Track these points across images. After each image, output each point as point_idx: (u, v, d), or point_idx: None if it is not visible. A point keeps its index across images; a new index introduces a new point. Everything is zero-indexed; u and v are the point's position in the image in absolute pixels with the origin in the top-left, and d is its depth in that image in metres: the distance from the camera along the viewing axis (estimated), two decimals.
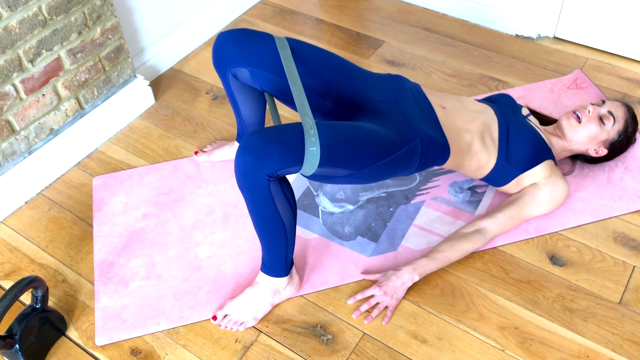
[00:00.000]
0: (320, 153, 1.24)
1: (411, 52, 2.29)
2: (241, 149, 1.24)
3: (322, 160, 1.25)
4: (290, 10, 2.54)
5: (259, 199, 1.30)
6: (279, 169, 1.24)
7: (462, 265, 1.58)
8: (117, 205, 1.77)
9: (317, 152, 1.23)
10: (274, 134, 1.24)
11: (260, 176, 1.25)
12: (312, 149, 1.23)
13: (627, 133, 1.68)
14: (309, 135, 1.24)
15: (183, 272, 1.60)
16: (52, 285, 1.59)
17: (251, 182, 1.26)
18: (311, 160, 1.24)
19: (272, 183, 1.27)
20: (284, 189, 1.32)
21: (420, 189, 1.77)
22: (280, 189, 1.31)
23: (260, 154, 1.22)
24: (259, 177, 1.25)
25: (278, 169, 1.24)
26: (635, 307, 1.48)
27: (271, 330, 1.47)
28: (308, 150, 1.23)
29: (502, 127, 1.63)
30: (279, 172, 1.25)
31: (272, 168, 1.23)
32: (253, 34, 1.48)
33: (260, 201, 1.30)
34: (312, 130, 1.24)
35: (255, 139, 1.23)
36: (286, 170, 1.25)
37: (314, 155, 1.23)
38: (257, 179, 1.25)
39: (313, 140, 1.23)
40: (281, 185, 1.31)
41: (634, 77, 2.12)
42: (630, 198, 1.70)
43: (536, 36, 2.32)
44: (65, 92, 1.82)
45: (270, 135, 1.23)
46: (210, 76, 2.22)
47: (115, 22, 1.87)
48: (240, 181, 1.28)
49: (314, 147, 1.23)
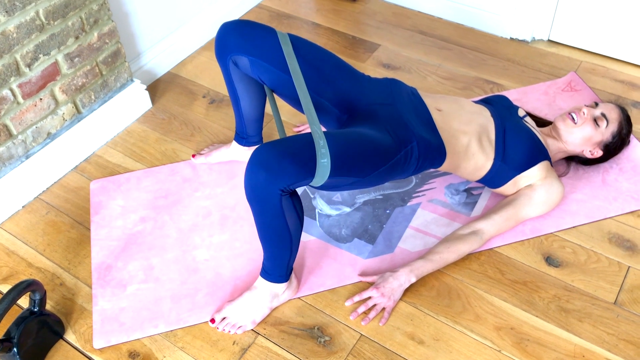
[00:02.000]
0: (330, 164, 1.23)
1: (407, 56, 2.30)
2: (253, 164, 1.22)
3: (332, 170, 1.25)
4: (286, 14, 2.55)
5: (269, 213, 1.29)
6: (292, 184, 1.23)
7: (459, 267, 1.59)
8: (115, 209, 1.77)
9: (328, 163, 1.23)
10: (285, 147, 1.22)
11: (273, 191, 1.23)
12: (323, 160, 1.22)
13: (621, 135, 1.69)
14: (319, 146, 1.23)
15: (181, 274, 1.60)
16: (49, 288, 1.59)
17: (263, 196, 1.25)
18: (322, 172, 1.23)
19: (284, 197, 1.27)
20: (295, 203, 1.31)
21: (416, 191, 1.78)
22: (291, 203, 1.30)
23: (274, 169, 1.20)
24: (272, 192, 1.24)
25: (291, 183, 1.23)
26: (630, 307, 1.49)
27: (269, 332, 1.48)
28: (319, 163, 1.22)
29: (499, 128, 1.64)
30: (292, 186, 1.24)
31: (285, 183, 1.22)
32: (256, 25, 1.50)
33: (269, 215, 1.29)
34: (321, 141, 1.24)
35: (267, 152, 1.21)
36: (298, 184, 1.24)
37: (325, 167, 1.23)
38: (270, 194, 1.24)
39: (324, 151, 1.23)
40: (292, 199, 1.30)
41: (627, 79, 2.14)
42: (625, 199, 1.72)
43: (530, 39, 2.34)
44: (63, 97, 1.83)
45: (282, 149, 1.21)
46: (207, 80, 2.23)
47: (112, 26, 1.88)
48: (250, 195, 1.27)
49: (325, 158, 1.22)
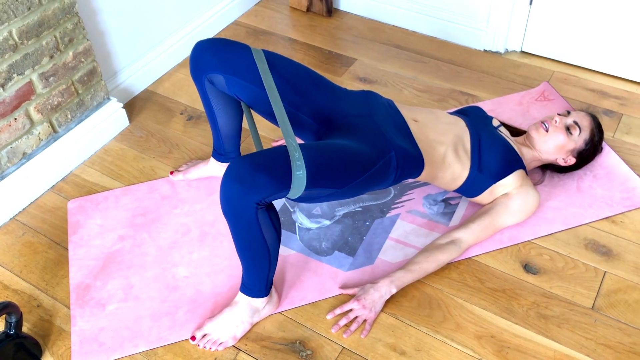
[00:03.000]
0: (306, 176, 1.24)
1: (383, 69, 2.33)
2: (227, 177, 1.23)
3: (308, 182, 1.25)
4: (263, 30, 2.57)
5: (245, 227, 1.29)
6: (267, 197, 1.23)
7: (438, 276, 1.60)
8: (93, 228, 1.76)
9: (304, 175, 1.23)
10: (260, 160, 1.23)
11: (248, 205, 1.24)
12: (298, 173, 1.23)
13: (594, 142, 1.73)
14: (295, 159, 1.23)
15: (161, 292, 1.59)
16: (26, 310, 1.57)
17: (238, 210, 1.25)
18: (298, 185, 1.24)
19: (260, 211, 1.27)
20: (271, 216, 1.31)
21: (395, 203, 1.79)
22: (268, 216, 1.30)
23: (248, 182, 1.20)
24: (247, 205, 1.24)
25: (266, 196, 1.23)
26: (607, 311, 1.51)
27: (250, 348, 1.47)
28: (295, 175, 1.22)
29: (474, 138, 1.66)
30: (267, 199, 1.25)
31: (260, 196, 1.22)
32: (230, 42, 1.51)
33: (246, 228, 1.29)
34: (297, 154, 1.24)
35: (242, 166, 1.22)
36: (274, 197, 1.25)
37: (301, 179, 1.23)
38: (245, 207, 1.24)
39: (299, 164, 1.23)
40: (268, 212, 1.30)
41: (598, 88, 2.19)
42: (600, 205, 1.75)
43: (504, 51, 2.38)
44: (38, 116, 1.81)
45: (256, 163, 1.22)
46: (184, 97, 2.24)
47: (87, 45, 1.88)
48: (226, 209, 1.27)
49: (300, 170, 1.23)
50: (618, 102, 2.12)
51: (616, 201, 1.75)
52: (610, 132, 1.99)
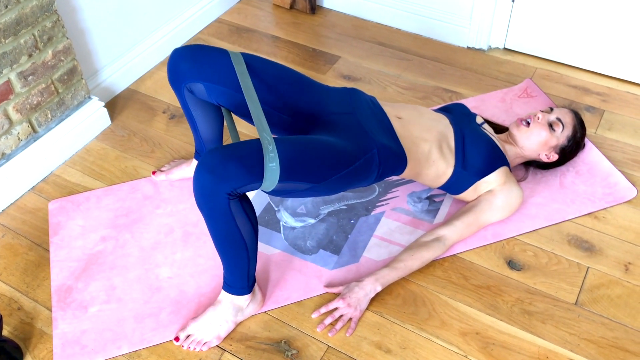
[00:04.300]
0: (279, 168, 1.24)
1: (367, 67, 2.32)
2: (199, 168, 1.23)
3: (282, 175, 1.25)
4: (246, 28, 2.55)
5: (219, 218, 1.29)
6: (239, 187, 1.24)
7: (423, 274, 1.60)
8: (75, 229, 1.74)
9: (277, 167, 1.23)
10: (232, 151, 1.23)
11: (219, 195, 1.24)
12: (271, 164, 1.23)
13: (576, 138, 1.74)
14: (268, 151, 1.24)
15: (144, 293, 1.57)
16: (6, 313, 1.54)
17: (210, 201, 1.25)
18: (271, 176, 1.24)
19: (232, 201, 1.27)
20: (244, 207, 1.31)
21: (380, 200, 1.79)
22: (241, 207, 1.30)
23: (219, 172, 1.21)
24: (219, 195, 1.24)
25: (238, 186, 1.23)
26: (590, 306, 1.52)
27: (235, 349, 1.46)
28: (267, 167, 1.23)
29: (458, 135, 1.67)
30: (239, 189, 1.24)
31: (231, 186, 1.23)
32: (207, 49, 1.49)
33: (220, 220, 1.29)
34: (270, 146, 1.25)
35: (213, 157, 1.23)
36: (246, 188, 1.25)
37: (274, 171, 1.23)
38: (217, 197, 1.24)
39: (272, 156, 1.23)
40: (241, 202, 1.30)
41: (580, 84, 2.20)
42: (582, 201, 1.76)
43: (487, 48, 2.39)
44: (17, 116, 1.78)
45: (228, 153, 1.23)
46: (166, 95, 2.21)
47: (67, 43, 1.85)
48: (199, 200, 1.27)
49: (273, 162, 1.23)
50: (600, 99, 2.13)
51: (598, 197, 1.77)
52: (592, 129, 2.01)
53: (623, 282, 1.57)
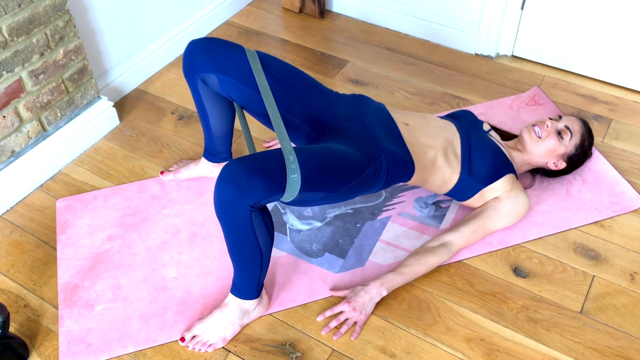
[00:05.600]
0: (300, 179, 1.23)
1: (375, 72, 2.33)
2: (221, 179, 1.22)
3: (302, 186, 1.25)
4: (255, 31, 2.56)
5: (239, 229, 1.28)
6: (262, 200, 1.23)
7: (429, 279, 1.60)
8: (82, 228, 1.74)
9: (298, 179, 1.23)
10: (255, 163, 1.22)
11: (242, 208, 1.23)
12: (293, 176, 1.22)
13: (584, 147, 1.74)
14: (289, 162, 1.23)
15: (150, 293, 1.58)
16: (13, 310, 1.55)
17: (232, 213, 1.25)
18: (292, 188, 1.23)
19: (254, 213, 1.26)
20: (265, 219, 1.31)
21: (386, 205, 1.79)
22: (262, 219, 1.30)
23: (243, 185, 1.20)
24: (242, 208, 1.23)
25: (261, 199, 1.23)
26: (595, 315, 1.52)
27: (240, 350, 1.46)
28: (290, 178, 1.22)
29: (464, 142, 1.67)
30: (261, 202, 1.24)
31: (255, 199, 1.22)
32: (224, 42, 1.50)
33: (239, 231, 1.28)
34: (291, 157, 1.23)
35: (237, 169, 1.21)
36: (268, 200, 1.24)
37: (295, 182, 1.23)
38: (240, 210, 1.23)
39: (294, 167, 1.22)
40: (262, 215, 1.30)
41: (588, 93, 2.20)
42: (589, 210, 1.76)
43: (495, 55, 2.39)
44: (27, 114, 1.80)
45: (251, 165, 1.21)
46: (175, 96, 2.22)
47: (78, 43, 1.86)
48: (219, 211, 1.26)
49: (295, 174, 1.22)
50: (607, 108, 2.13)
51: (605, 206, 1.77)
52: (599, 137, 2.01)
53: (629, 292, 1.57)
